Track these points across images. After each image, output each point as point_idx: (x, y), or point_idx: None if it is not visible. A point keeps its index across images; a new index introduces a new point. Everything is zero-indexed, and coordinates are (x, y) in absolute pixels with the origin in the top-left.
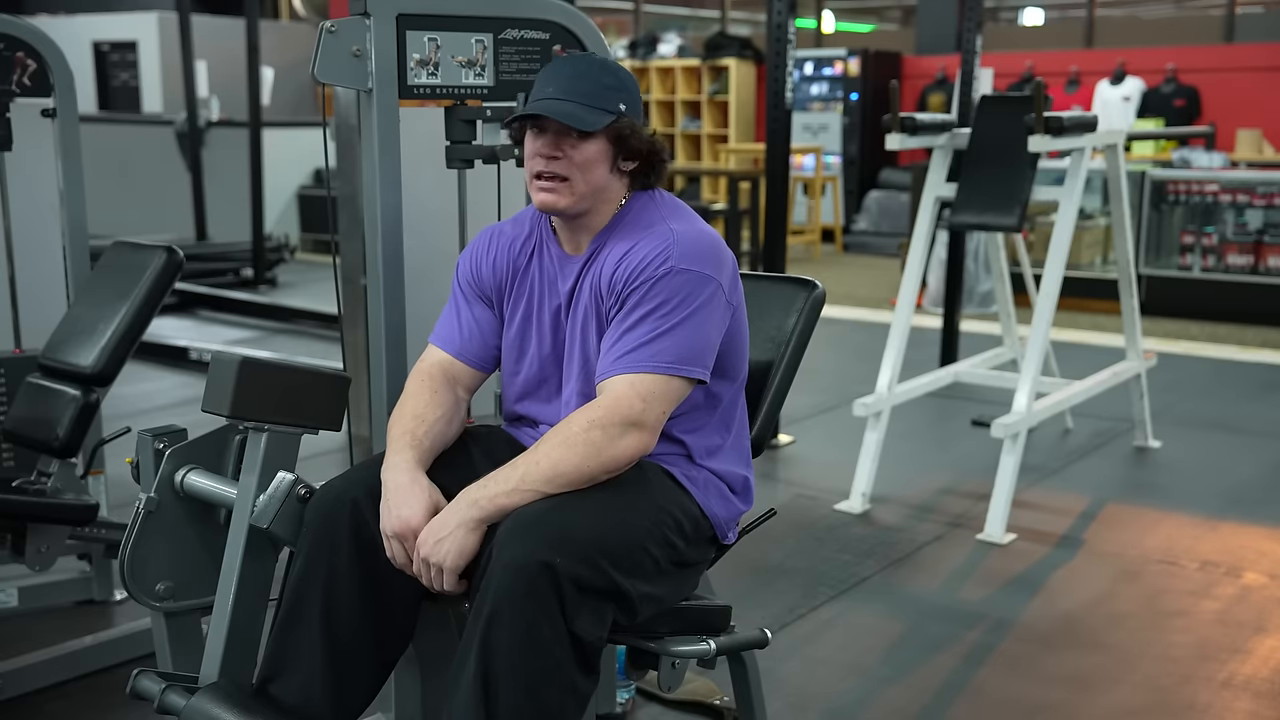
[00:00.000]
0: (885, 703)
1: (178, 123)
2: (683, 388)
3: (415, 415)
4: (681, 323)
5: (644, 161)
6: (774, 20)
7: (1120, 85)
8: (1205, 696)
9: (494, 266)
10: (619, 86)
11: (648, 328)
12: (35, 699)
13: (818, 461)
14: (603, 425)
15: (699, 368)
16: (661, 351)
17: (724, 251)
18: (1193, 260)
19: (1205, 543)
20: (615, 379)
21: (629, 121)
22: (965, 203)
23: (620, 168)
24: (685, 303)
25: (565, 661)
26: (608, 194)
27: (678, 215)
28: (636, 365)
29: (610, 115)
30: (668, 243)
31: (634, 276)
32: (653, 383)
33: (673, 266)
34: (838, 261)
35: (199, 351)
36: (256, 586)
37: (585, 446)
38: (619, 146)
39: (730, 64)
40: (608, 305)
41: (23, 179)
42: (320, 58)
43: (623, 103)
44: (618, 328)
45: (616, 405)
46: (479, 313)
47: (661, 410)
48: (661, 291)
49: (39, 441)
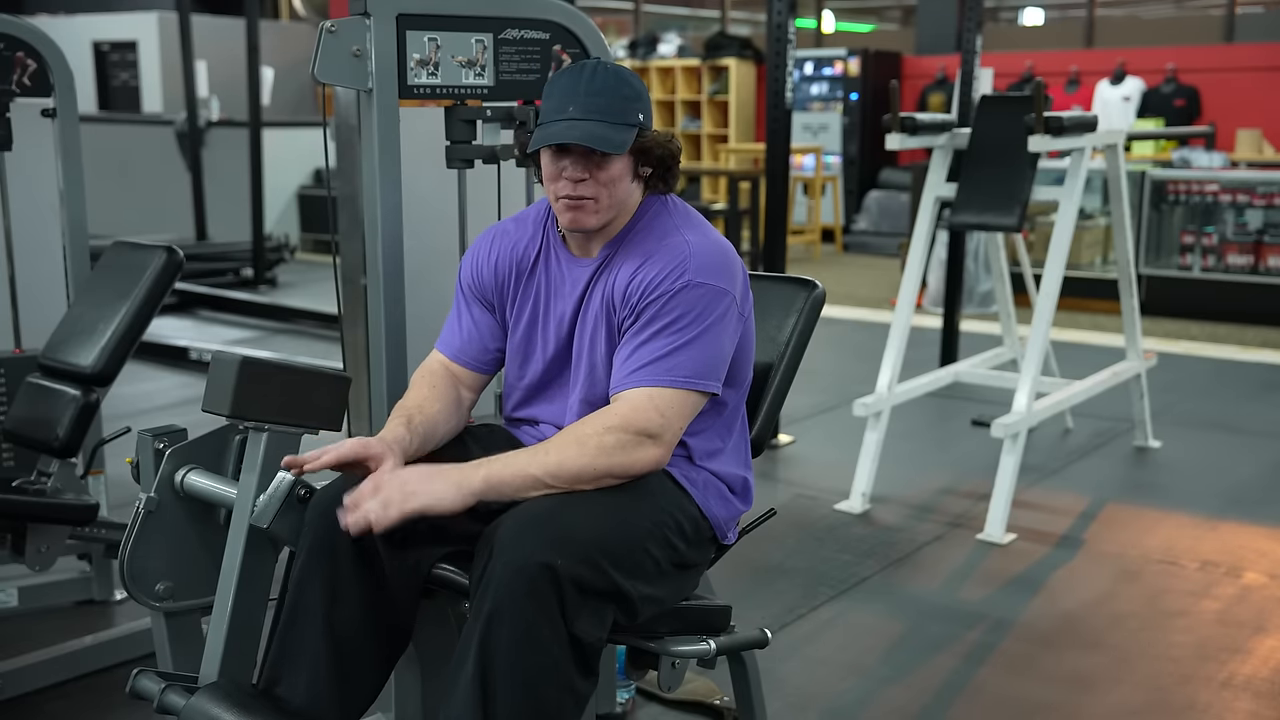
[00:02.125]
0: (885, 703)
1: (178, 123)
2: (698, 402)
3: (416, 404)
4: (697, 337)
5: (660, 166)
6: (774, 20)
7: (1120, 85)
8: (1205, 696)
9: (495, 268)
10: (635, 96)
11: (664, 342)
12: (35, 699)
13: (818, 461)
14: (617, 431)
15: (714, 381)
16: (678, 366)
17: (736, 263)
18: (1193, 260)
19: (1205, 543)
20: (632, 391)
21: (651, 133)
22: (965, 203)
23: (640, 174)
24: (701, 317)
25: (564, 662)
26: (628, 203)
27: (691, 225)
28: (654, 379)
29: (633, 129)
30: (683, 256)
31: (650, 290)
32: (671, 397)
33: (689, 281)
34: (838, 261)
35: (199, 351)
36: (256, 586)
37: (596, 449)
38: (641, 157)
39: (730, 64)
40: (620, 316)
41: (23, 179)
42: (320, 58)
43: (641, 112)
44: (632, 340)
45: (634, 415)
46: (478, 315)
47: (679, 426)
48: (678, 306)
49: (39, 441)
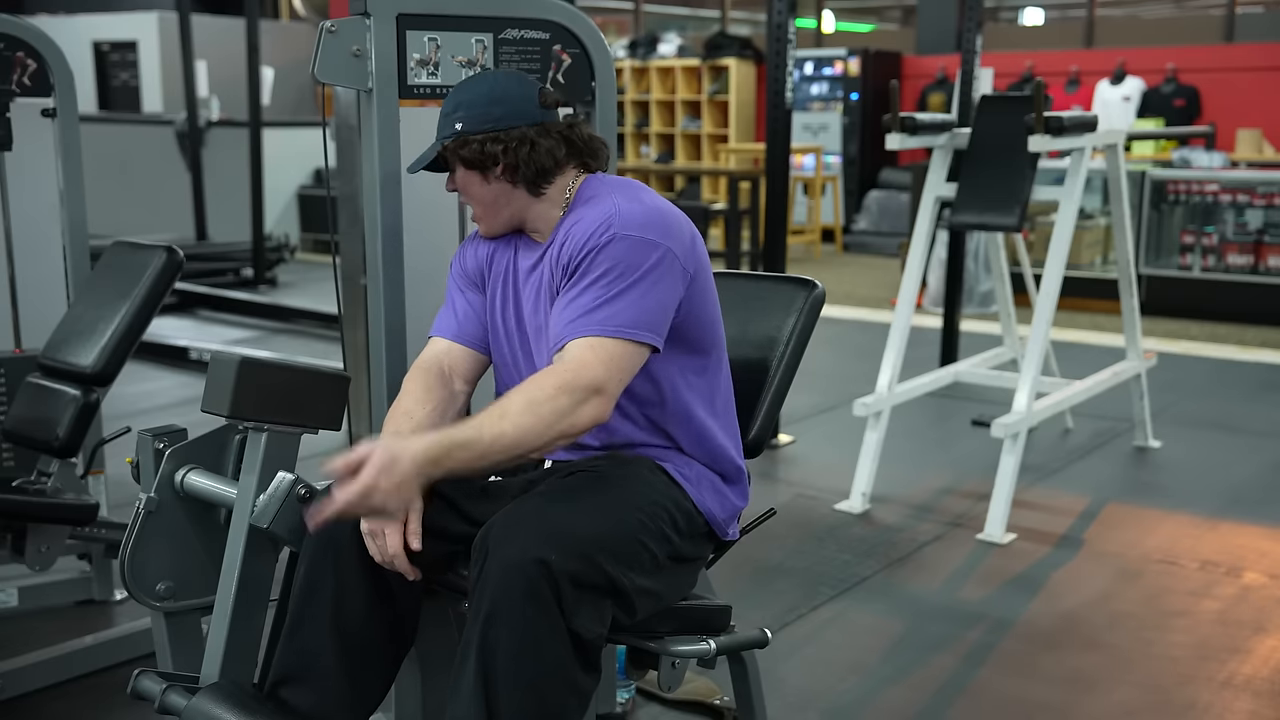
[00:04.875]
0: (885, 703)
1: (178, 123)
2: (639, 353)
3: (405, 412)
4: (629, 287)
5: (510, 161)
6: (774, 20)
7: (1120, 85)
8: (1205, 696)
9: (477, 256)
10: (452, 108)
11: (596, 293)
12: (35, 699)
13: (818, 461)
14: (570, 390)
15: (651, 334)
16: (613, 315)
17: (673, 220)
18: (1193, 260)
19: (1205, 543)
20: (575, 343)
21: (459, 140)
22: (965, 203)
23: (497, 176)
24: (631, 268)
25: (566, 659)
26: (520, 201)
27: (623, 191)
28: (590, 329)
29: (438, 144)
30: (610, 214)
31: (579, 248)
32: (613, 347)
33: (615, 234)
34: (838, 261)
35: (199, 351)
36: (256, 586)
37: (552, 414)
38: (472, 164)
39: (730, 64)
40: (558, 280)
41: (23, 179)
42: (320, 58)
43: (459, 121)
44: (566, 294)
45: (581, 370)
46: (472, 298)
47: (620, 378)
48: (606, 259)
49: (39, 441)
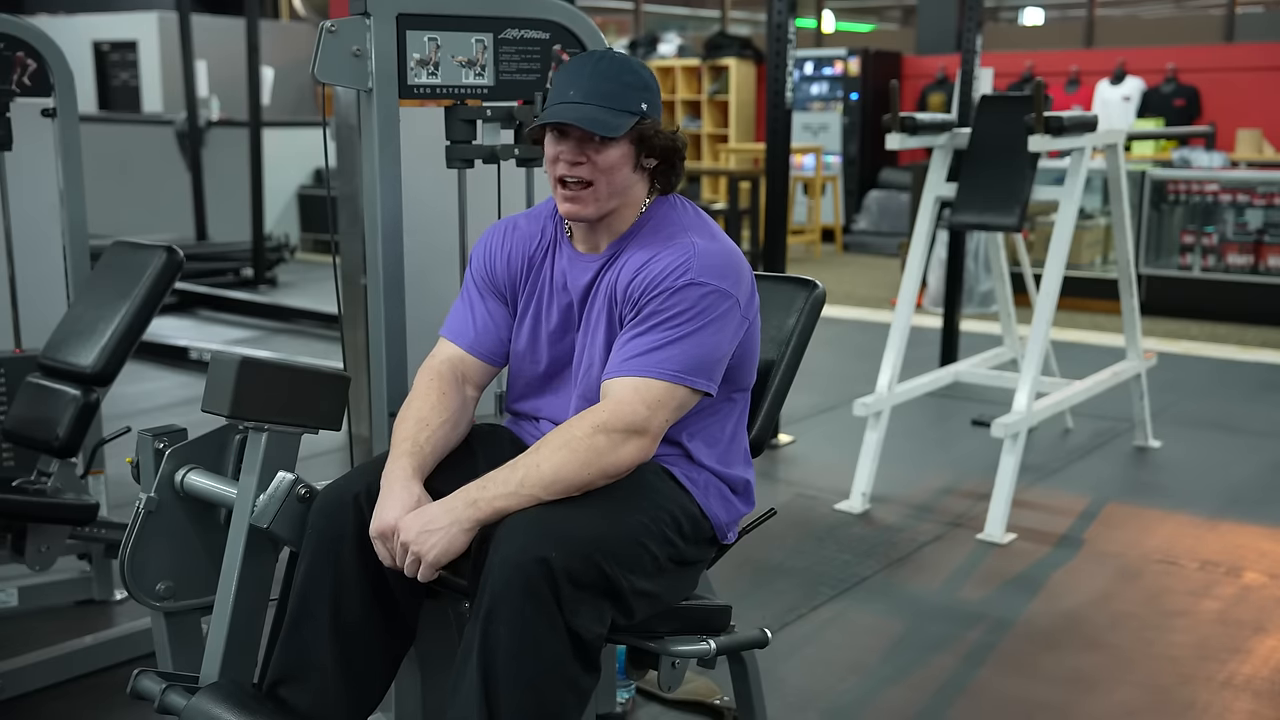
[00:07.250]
0: (885, 703)
1: (178, 122)
2: (688, 398)
3: (419, 419)
4: (693, 334)
5: (664, 160)
6: (774, 20)
7: (1120, 85)
8: (1205, 696)
9: (509, 261)
10: (641, 85)
11: (659, 335)
12: (35, 699)
13: (818, 461)
14: (607, 430)
15: (706, 380)
16: (670, 359)
17: (743, 267)
18: (1193, 260)
19: (1205, 543)
20: (620, 381)
21: (652, 122)
22: (965, 202)
23: (643, 165)
24: (700, 315)
25: (565, 657)
26: (630, 196)
27: (700, 228)
28: (644, 370)
29: (633, 117)
30: (689, 255)
31: (652, 286)
32: (659, 390)
33: (691, 279)
34: (838, 261)
35: (199, 351)
36: (256, 586)
37: (588, 452)
38: (641, 146)
39: (730, 64)
40: (622, 311)
41: (23, 179)
42: (320, 58)
43: (644, 102)
44: (628, 332)
45: (620, 410)
46: (493, 307)
47: (665, 419)
48: (679, 303)
49: (39, 441)
